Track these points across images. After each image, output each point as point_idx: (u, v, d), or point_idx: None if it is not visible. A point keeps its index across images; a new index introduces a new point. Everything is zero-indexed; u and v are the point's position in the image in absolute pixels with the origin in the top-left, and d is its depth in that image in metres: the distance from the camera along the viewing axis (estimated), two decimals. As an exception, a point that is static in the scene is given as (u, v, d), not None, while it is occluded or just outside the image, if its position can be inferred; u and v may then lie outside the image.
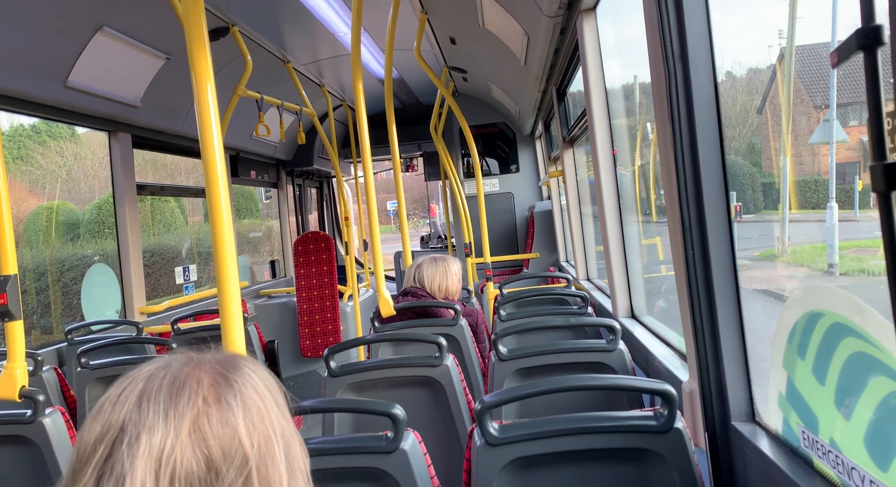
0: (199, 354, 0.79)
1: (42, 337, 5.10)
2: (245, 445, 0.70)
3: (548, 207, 7.15)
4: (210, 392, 0.72)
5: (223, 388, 0.73)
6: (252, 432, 0.71)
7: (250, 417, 0.72)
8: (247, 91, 4.25)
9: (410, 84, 6.78)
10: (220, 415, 0.70)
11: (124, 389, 0.72)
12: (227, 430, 0.70)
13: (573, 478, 1.42)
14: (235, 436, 0.70)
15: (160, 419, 0.68)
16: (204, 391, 0.72)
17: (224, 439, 0.69)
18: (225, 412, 0.71)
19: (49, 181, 6.32)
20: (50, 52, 3.21)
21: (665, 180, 1.63)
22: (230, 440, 0.69)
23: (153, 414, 0.68)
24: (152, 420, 0.68)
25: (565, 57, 3.80)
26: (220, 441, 0.69)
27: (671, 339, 2.40)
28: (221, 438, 0.69)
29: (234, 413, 0.71)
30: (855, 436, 1.03)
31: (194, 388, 0.72)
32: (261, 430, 0.72)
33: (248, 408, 0.73)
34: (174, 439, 0.67)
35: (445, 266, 3.23)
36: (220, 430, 0.69)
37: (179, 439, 0.67)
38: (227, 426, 0.70)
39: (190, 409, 0.69)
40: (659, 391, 1.36)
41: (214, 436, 0.69)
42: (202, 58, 1.65)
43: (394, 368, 2.30)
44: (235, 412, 0.71)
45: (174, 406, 0.69)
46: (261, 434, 0.72)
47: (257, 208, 9.00)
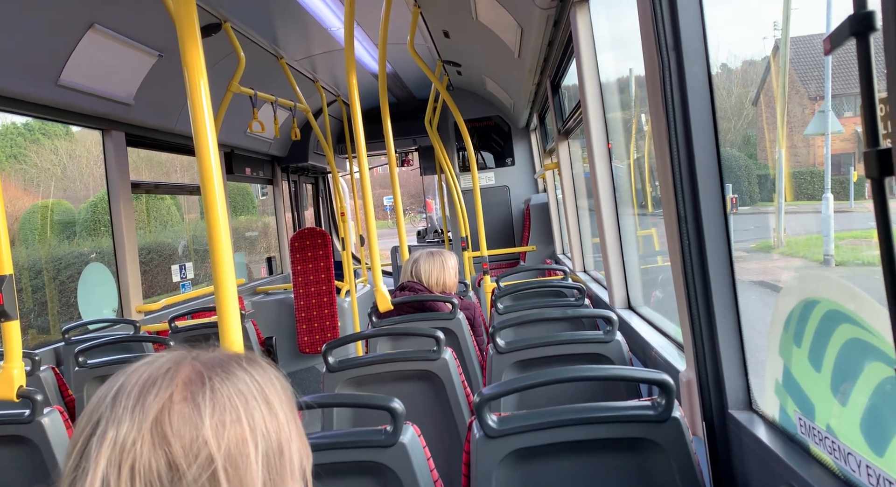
0: (192, 352, 0.78)
1: (39, 337, 5.09)
2: (211, 445, 0.69)
3: (544, 200, 7.15)
4: (179, 390, 0.72)
5: (195, 387, 0.72)
6: (221, 432, 0.70)
7: (220, 417, 0.71)
8: (240, 87, 4.23)
9: (404, 78, 6.77)
10: (183, 413, 0.70)
11: (108, 384, 0.73)
12: (190, 428, 0.69)
13: (572, 468, 1.42)
14: (199, 436, 0.69)
15: (128, 413, 0.69)
16: (173, 388, 0.72)
17: (185, 437, 0.68)
18: (189, 410, 0.70)
19: (43, 179, 6.29)
20: (41, 50, 3.19)
21: (660, 171, 1.63)
22: (192, 439, 0.69)
23: (122, 409, 0.69)
24: (121, 414, 0.69)
25: (559, 49, 3.79)
26: (180, 439, 0.68)
27: (668, 329, 2.41)
28: (182, 436, 0.68)
29: (199, 412, 0.70)
30: (851, 422, 1.03)
31: (165, 385, 0.72)
32: (232, 431, 0.71)
33: (219, 408, 0.71)
34: (136, 434, 0.67)
35: (442, 260, 3.24)
36: (181, 428, 0.69)
37: (141, 434, 0.67)
38: (190, 424, 0.69)
39: (156, 405, 0.69)
40: (656, 381, 1.37)
41: (175, 434, 0.68)
42: (195, 54, 1.64)
43: (392, 362, 2.31)
44: (202, 411, 0.70)
45: (142, 402, 0.70)
46: (231, 435, 0.71)
47: (253, 205, 8.99)
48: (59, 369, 3.29)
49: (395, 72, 6.40)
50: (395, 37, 4.59)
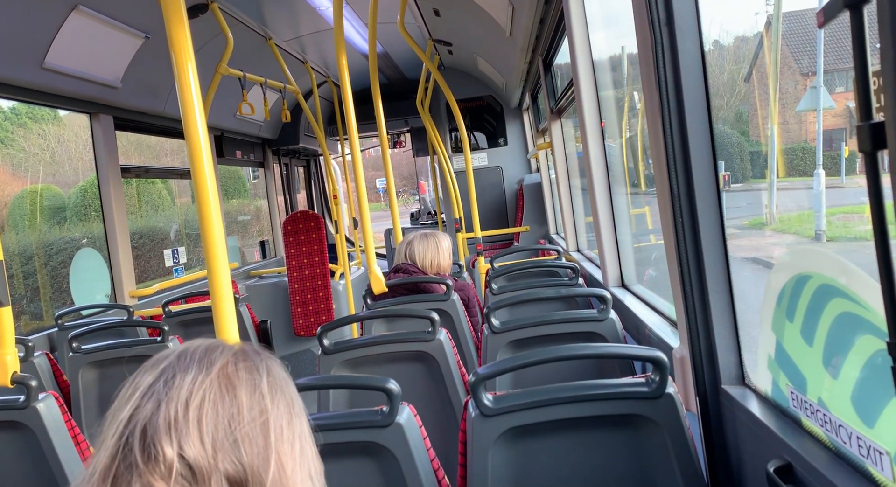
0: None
1: (32, 323, 5.07)
2: (266, 399, 0.78)
3: (537, 180, 7.14)
4: (239, 354, 0.82)
5: (251, 355, 0.83)
6: (274, 392, 0.80)
7: (273, 381, 0.81)
8: (229, 69, 4.18)
9: (395, 58, 6.70)
10: (246, 367, 0.80)
11: (161, 354, 0.83)
12: (251, 380, 0.79)
13: (568, 445, 1.44)
14: (258, 389, 0.79)
15: (195, 364, 0.79)
16: (234, 351, 0.83)
17: (248, 386, 0.78)
18: (250, 366, 0.81)
19: (32, 164, 6.22)
20: (24, 32, 3.13)
21: (653, 149, 1.62)
22: (253, 387, 0.78)
23: (190, 361, 0.79)
24: (188, 364, 0.79)
25: (551, 26, 3.76)
26: (244, 386, 0.78)
27: (661, 307, 2.42)
28: (246, 384, 0.78)
29: (259, 371, 0.81)
30: (842, 395, 1.04)
31: (227, 349, 0.83)
32: (279, 397, 0.80)
33: (272, 376, 0.82)
34: (205, 376, 0.77)
35: (436, 241, 3.23)
36: (245, 377, 0.79)
37: (209, 378, 0.77)
38: (251, 377, 0.79)
39: (221, 359, 0.80)
40: (650, 357, 1.38)
41: (240, 380, 0.78)
42: (181, 36, 1.62)
43: (387, 344, 2.31)
44: (261, 371, 0.81)
45: (208, 357, 0.80)
46: (279, 399, 0.80)
47: (245, 188, 8.93)
48: (53, 355, 3.28)
49: (386, 51, 6.33)
50: (385, 15, 4.53)
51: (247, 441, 0.74)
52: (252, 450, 0.74)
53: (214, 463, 0.72)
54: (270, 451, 0.75)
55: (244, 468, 0.73)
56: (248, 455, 0.73)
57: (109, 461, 0.72)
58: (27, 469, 1.98)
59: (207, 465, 0.71)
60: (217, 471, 0.72)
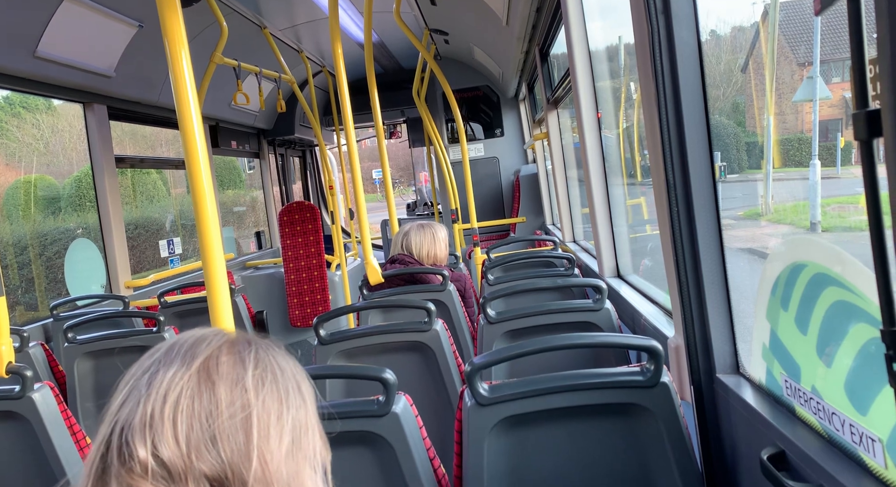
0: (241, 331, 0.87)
1: (27, 314, 5.06)
2: (250, 393, 0.76)
3: (533, 171, 7.13)
4: (227, 346, 0.80)
5: (241, 346, 0.81)
6: (260, 386, 0.77)
7: (261, 374, 0.78)
8: (223, 58, 4.15)
9: (391, 48, 6.66)
10: (229, 361, 0.78)
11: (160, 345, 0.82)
12: (233, 374, 0.77)
13: (563, 434, 1.45)
14: (241, 383, 0.76)
15: (178, 358, 0.77)
16: (222, 343, 0.80)
17: (228, 380, 0.76)
18: (235, 360, 0.78)
19: (25, 154, 6.18)
20: (16, 20, 3.10)
21: (650, 140, 1.62)
22: (235, 381, 0.76)
23: (175, 355, 0.78)
24: (173, 358, 0.77)
25: (547, 15, 3.74)
26: (224, 381, 0.76)
27: (657, 297, 2.43)
28: (226, 379, 0.76)
29: (244, 365, 0.78)
30: (836, 383, 1.05)
31: (215, 341, 0.80)
32: (269, 390, 0.78)
33: (261, 367, 0.79)
34: (184, 371, 0.75)
35: (433, 232, 3.23)
36: (226, 371, 0.77)
37: (189, 373, 0.75)
38: (234, 371, 0.77)
39: (205, 352, 0.78)
40: (645, 347, 1.38)
41: (220, 376, 0.76)
42: (175, 24, 1.61)
43: (384, 334, 2.32)
44: (247, 365, 0.78)
45: (192, 350, 0.78)
46: (268, 392, 0.77)
47: (241, 179, 8.90)
48: (49, 345, 3.28)
49: (382, 41, 6.30)
50: (381, 4, 4.50)
51: (225, 437, 0.72)
52: (231, 447, 0.72)
53: (190, 462, 0.70)
54: (252, 447, 0.73)
55: (224, 465, 0.71)
56: (227, 452, 0.72)
57: (94, 460, 0.72)
58: (23, 459, 1.99)
59: (183, 464, 0.70)
60: (193, 470, 0.70)
